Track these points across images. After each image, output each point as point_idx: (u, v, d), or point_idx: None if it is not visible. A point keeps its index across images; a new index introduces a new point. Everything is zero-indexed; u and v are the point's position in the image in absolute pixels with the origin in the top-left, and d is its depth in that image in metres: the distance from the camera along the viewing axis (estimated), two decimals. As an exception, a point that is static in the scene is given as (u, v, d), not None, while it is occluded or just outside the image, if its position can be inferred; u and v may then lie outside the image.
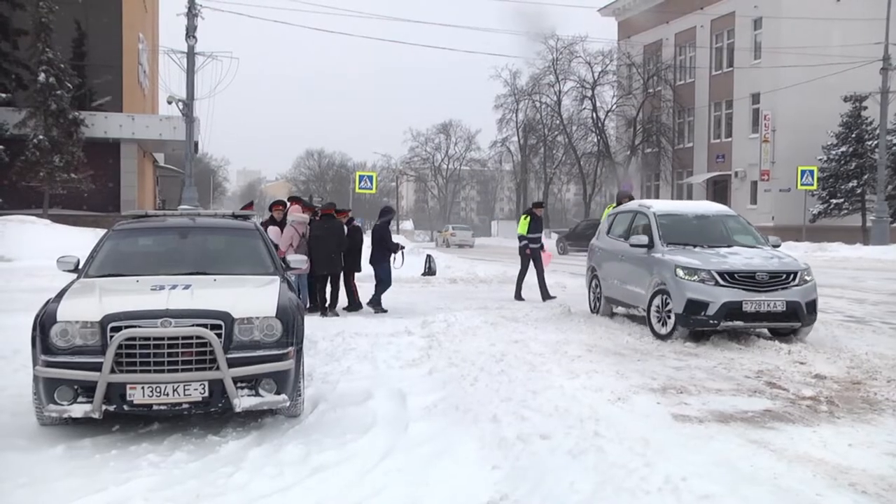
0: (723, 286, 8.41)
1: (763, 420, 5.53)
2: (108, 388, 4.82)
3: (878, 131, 30.40)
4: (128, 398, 4.85)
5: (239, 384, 5.03)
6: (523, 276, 13.41)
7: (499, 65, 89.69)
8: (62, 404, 4.90)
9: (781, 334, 8.81)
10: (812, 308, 8.61)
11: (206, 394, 4.95)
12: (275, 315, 5.19)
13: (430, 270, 12.89)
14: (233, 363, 4.97)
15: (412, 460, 4.64)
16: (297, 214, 11.32)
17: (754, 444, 4.93)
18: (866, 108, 32.62)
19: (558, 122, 50.27)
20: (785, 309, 8.40)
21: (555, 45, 47.08)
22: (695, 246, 9.24)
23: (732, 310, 8.34)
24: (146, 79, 33.66)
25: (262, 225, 11.33)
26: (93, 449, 4.90)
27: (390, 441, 5.01)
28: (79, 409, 4.87)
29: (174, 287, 5.37)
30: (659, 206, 10.31)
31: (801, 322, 8.56)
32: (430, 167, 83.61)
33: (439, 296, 13.80)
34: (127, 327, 4.87)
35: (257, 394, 5.11)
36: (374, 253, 12.02)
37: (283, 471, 4.50)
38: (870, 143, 32.51)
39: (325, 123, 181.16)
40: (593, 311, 11.29)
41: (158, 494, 4.14)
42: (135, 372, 4.87)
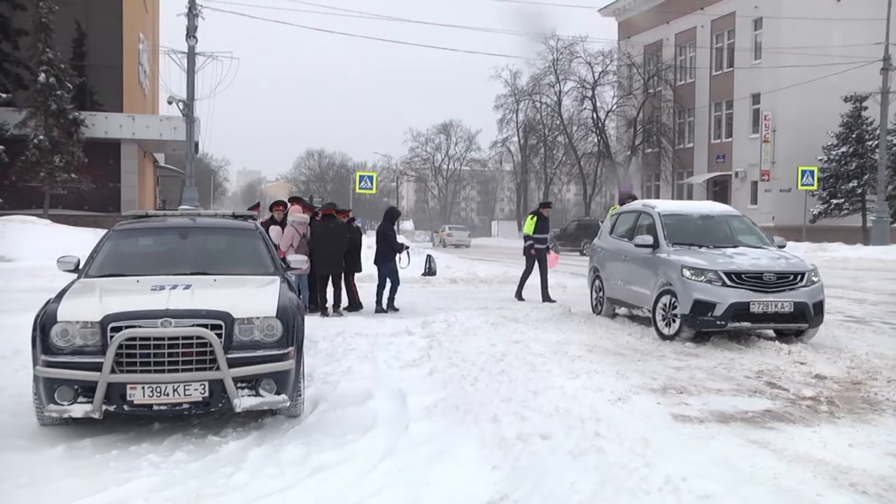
0: (730, 287, 8.32)
1: (763, 420, 5.53)
2: (109, 389, 4.82)
3: (878, 131, 30.40)
4: (128, 398, 4.85)
5: (239, 384, 5.03)
6: (527, 276, 13.34)
7: (499, 65, 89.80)
8: (62, 404, 4.89)
9: (783, 334, 8.79)
10: (819, 309, 8.55)
11: (207, 394, 4.95)
12: (275, 315, 5.19)
13: (430, 270, 12.91)
14: (233, 363, 4.97)
15: (412, 460, 4.64)
16: (297, 215, 11.33)
17: (754, 444, 4.93)
18: (867, 108, 32.64)
19: (558, 122, 50.31)
20: (792, 310, 8.32)
21: (555, 45, 47.21)
22: (700, 246, 9.16)
23: (740, 311, 8.26)
24: (146, 79, 33.67)
25: (263, 225, 11.35)
26: (93, 449, 4.90)
27: (391, 441, 5.01)
28: (79, 410, 4.86)
29: (174, 287, 5.37)
30: (663, 205, 10.23)
31: (809, 323, 8.48)
32: (430, 167, 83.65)
33: (439, 296, 13.80)
34: (127, 327, 4.87)
35: (257, 394, 5.11)
36: (379, 253, 12.04)
37: (284, 471, 4.50)
38: (870, 143, 32.53)
39: (326, 123, 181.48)
40: (596, 312, 11.20)
41: (159, 495, 4.15)
42: (135, 372, 4.87)
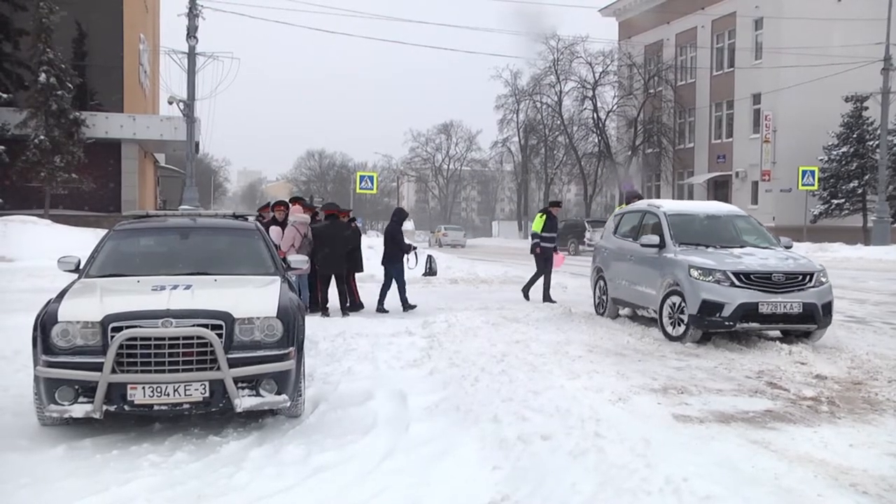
0: (738, 287, 8.24)
1: (764, 420, 5.53)
2: (109, 389, 4.83)
3: (879, 131, 30.38)
4: (129, 398, 4.85)
5: (240, 384, 5.03)
6: (537, 278, 13.16)
7: (500, 65, 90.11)
8: (63, 404, 4.90)
9: (787, 335, 8.71)
10: (828, 310, 8.46)
11: (207, 394, 4.95)
12: (275, 315, 5.20)
13: (430, 271, 12.86)
14: (233, 363, 4.97)
15: (413, 461, 4.64)
16: (298, 215, 11.32)
17: (755, 444, 4.93)
18: (867, 108, 32.62)
19: (559, 122, 50.30)
20: (801, 311, 8.24)
21: (556, 45, 47.22)
22: (707, 246, 9.08)
23: (749, 311, 8.18)
24: (147, 79, 33.68)
25: (264, 225, 11.35)
26: (94, 449, 4.90)
27: (391, 441, 5.01)
28: (80, 410, 4.87)
29: (175, 287, 5.37)
30: (669, 205, 10.15)
31: (817, 324, 8.40)
32: (430, 167, 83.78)
33: (440, 296, 13.80)
34: (128, 327, 4.88)
35: (258, 394, 5.11)
36: (387, 253, 12.04)
37: (284, 471, 4.51)
38: (871, 143, 32.51)
39: (326, 124, 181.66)
40: (599, 313, 11.09)
41: (159, 495, 4.15)
42: (136, 372, 4.87)
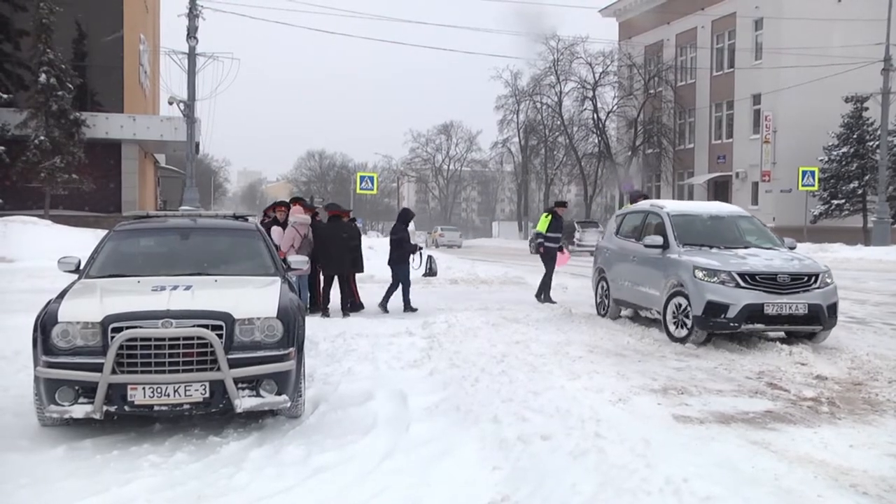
0: (743, 288, 8.20)
1: (764, 421, 5.53)
2: (109, 389, 4.82)
3: (879, 132, 30.38)
4: (129, 399, 4.85)
5: (240, 385, 5.03)
6: (551, 277, 13.01)
7: (500, 66, 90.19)
8: (63, 405, 4.89)
9: (790, 336, 8.66)
10: (833, 311, 8.43)
11: (207, 394, 4.95)
12: (276, 316, 5.19)
13: (430, 271, 12.86)
14: (234, 364, 4.97)
15: (413, 461, 4.64)
16: (298, 216, 11.31)
17: (755, 444, 4.93)
18: (867, 108, 32.64)
19: (559, 122, 50.31)
20: (807, 312, 8.20)
21: (556, 45, 47.24)
22: (710, 247, 9.04)
23: (754, 312, 8.13)
24: (147, 80, 33.68)
25: (265, 226, 11.35)
26: (94, 450, 4.90)
27: (391, 442, 5.01)
28: (80, 410, 4.86)
29: (175, 288, 5.37)
30: (672, 206, 10.12)
31: (823, 325, 8.36)
32: (430, 168, 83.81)
33: (440, 296, 13.80)
34: (128, 328, 4.88)
35: (258, 394, 5.11)
36: (393, 254, 12.06)
37: (284, 472, 4.51)
38: (871, 143, 32.52)
39: (326, 124, 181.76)
40: (601, 314, 11.02)
41: (160, 495, 4.15)
42: (136, 373, 4.87)
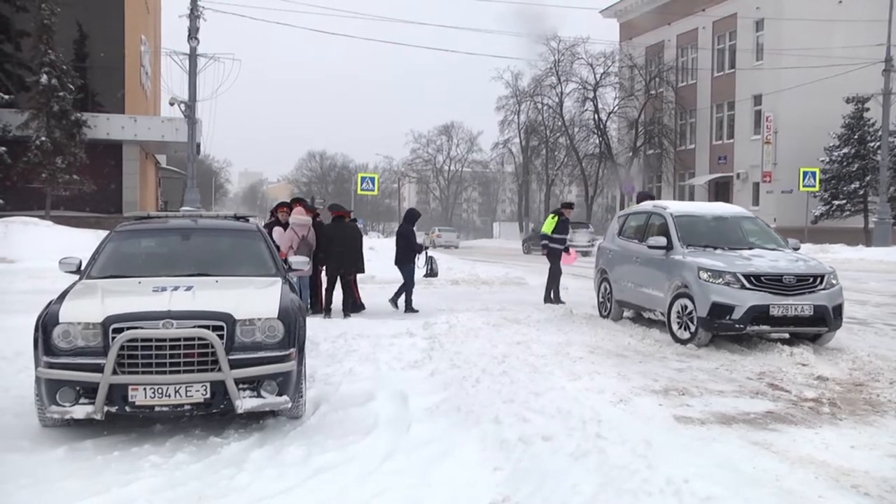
0: (749, 289, 8.14)
1: (765, 422, 5.53)
2: (110, 390, 4.82)
3: (880, 133, 30.38)
4: (130, 399, 4.85)
5: (241, 385, 5.03)
6: (558, 278, 12.92)
7: (500, 66, 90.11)
8: (64, 405, 4.89)
9: (796, 337, 8.62)
10: (838, 312, 8.38)
11: (208, 395, 4.95)
12: (277, 317, 5.19)
13: (431, 272, 12.86)
14: (235, 364, 4.97)
15: (414, 462, 4.64)
16: (298, 217, 11.28)
17: (756, 445, 4.93)
18: (868, 109, 32.64)
19: (560, 123, 50.28)
20: (812, 313, 8.15)
21: (556, 46, 47.21)
22: (714, 248, 8.99)
23: (759, 314, 8.08)
24: (148, 80, 33.72)
25: (267, 226, 11.34)
26: (95, 450, 4.90)
27: (392, 442, 5.01)
28: (81, 411, 4.86)
29: (176, 288, 5.37)
30: (675, 206, 10.07)
31: (829, 327, 8.32)
32: (431, 169, 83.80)
33: (441, 297, 13.80)
34: (129, 328, 4.88)
35: (259, 395, 5.11)
36: (399, 254, 12.07)
37: (285, 472, 4.50)
38: (872, 144, 32.51)
39: (327, 125, 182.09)
40: (603, 315, 10.97)
41: (161, 496, 4.15)
42: (137, 373, 4.87)
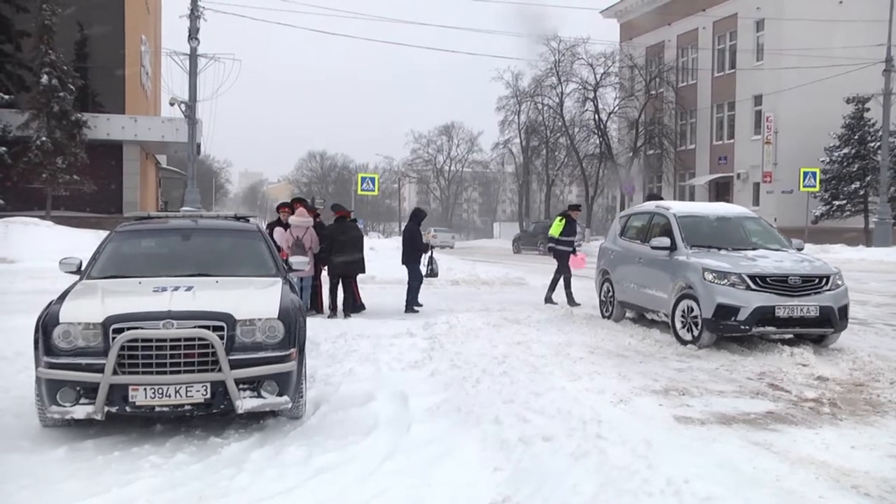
0: (754, 290, 8.10)
1: (765, 422, 5.53)
2: (111, 390, 4.83)
3: (880, 133, 30.36)
4: (130, 399, 4.86)
5: (241, 386, 5.03)
6: (568, 280, 12.79)
7: (501, 67, 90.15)
8: (64, 406, 4.90)
9: (801, 338, 8.59)
10: (844, 313, 8.35)
11: (209, 395, 4.95)
12: (277, 317, 5.20)
13: (432, 272, 12.86)
14: (235, 365, 4.97)
15: (414, 462, 4.64)
16: (296, 217, 11.26)
17: (757, 445, 4.93)
18: (869, 109, 32.62)
19: (560, 123, 50.22)
20: (818, 314, 8.11)
21: (557, 46, 47.12)
22: (718, 248, 8.95)
23: (765, 315, 8.04)
24: (149, 81, 33.73)
25: (269, 227, 11.34)
26: (95, 450, 4.90)
27: (392, 443, 5.02)
28: (81, 411, 4.87)
29: (176, 289, 5.38)
30: (678, 207, 10.03)
31: (834, 328, 8.28)
32: (432, 169, 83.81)
33: (441, 297, 13.79)
34: (129, 329, 4.88)
35: (259, 395, 5.11)
36: (406, 253, 12.08)
37: (286, 472, 4.51)
38: (872, 144, 32.49)
39: (328, 125, 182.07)
40: (605, 316, 10.94)
41: (161, 496, 4.15)
42: (137, 373, 4.87)
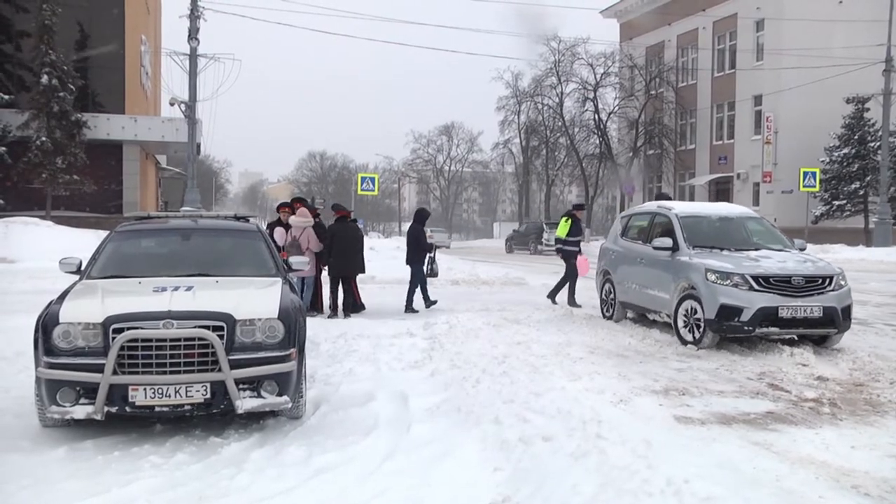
0: (757, 291, 8.07)
1: (765, 422, 5.53)
2: (111, 390, 4.83)
3: (880, 133, 30.36)
4: (130, 400, 4.86)
5: (241, 386, 5.03)
6: (573, 283, 12.69)
7: (501, 67, 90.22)
8: (64, 406, 4.90)
9: (804, 339, 8.57)
10: (847, 314, 8.31)
11: (209, 395, 4.95)
12: (277, 317, 5.20)
13: (432, 272, 12.86)
14: (235, 365, 4.97)
15: (414, 462, 4.64)
16: (297, 218, 11.25)
17: (757, 445, 4.93)
18: (868, 109, 32.62)
19: (560, 123, 50.21)
20: (822, 315, 8.08)
21: (557, 46, 47.14)
22: (721, 249, 8.91)
23: (768, 315, 8.00)
24: (149, 81, 33.72)
25: (269, 226, 11.34)
26: (95, 451, 4.90)
27: (392, 443, 5.02)
28: (81, 411, 4.87)
29: (176, 289, 5.38)
30: (680, 207, 9.99)
31: (838, 328, 8.25)
32: (432, 169, 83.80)
33: (441, 297, 13.74)
34: (129, 329, 4.88)
35: (259, 395, 5.11)
36: (410, 253, 12.09)
37: (285, 472, 4.51)
38: (872, 144, 32.49)
39: (328, 125, 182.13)
40: (606, 316, 10.91)
41: (161, 496, 4.15)
42: (137, 373, 4.87)
